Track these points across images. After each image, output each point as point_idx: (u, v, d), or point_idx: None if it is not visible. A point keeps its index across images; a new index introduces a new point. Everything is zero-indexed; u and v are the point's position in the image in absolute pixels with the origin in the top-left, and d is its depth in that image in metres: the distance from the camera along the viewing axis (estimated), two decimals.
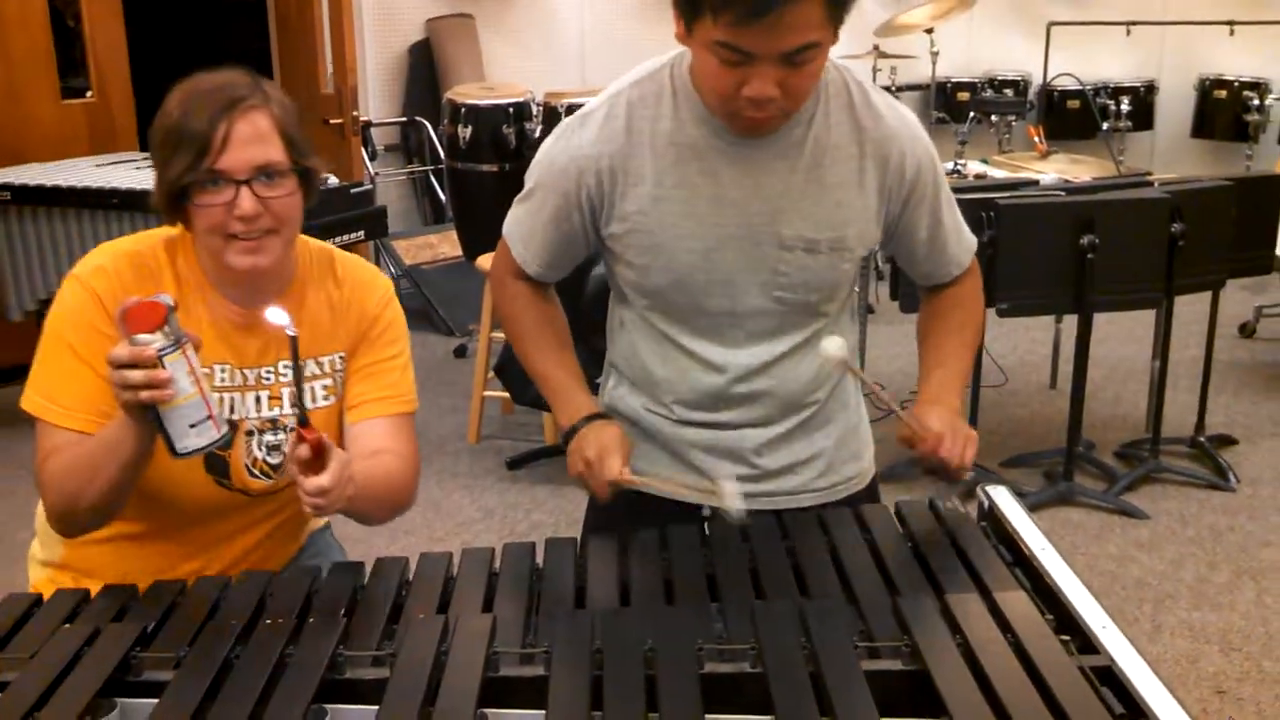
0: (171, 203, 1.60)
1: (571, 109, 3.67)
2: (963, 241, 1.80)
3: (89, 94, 5.23)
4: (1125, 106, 7.23)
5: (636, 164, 1.63)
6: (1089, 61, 7.38)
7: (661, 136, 1.62)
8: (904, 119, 1.67)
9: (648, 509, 1.73)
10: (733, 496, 1.52)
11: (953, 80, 7.51)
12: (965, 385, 1.77)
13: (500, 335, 4.28)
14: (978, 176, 4.88)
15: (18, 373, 1.90)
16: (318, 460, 1.46)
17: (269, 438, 1.73)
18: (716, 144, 1.60)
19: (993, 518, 1.69)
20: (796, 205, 1.62)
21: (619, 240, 1.68)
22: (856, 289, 1.83)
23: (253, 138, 1.58)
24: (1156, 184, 3.94)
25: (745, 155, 1.60)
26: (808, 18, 1.40)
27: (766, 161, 1.60)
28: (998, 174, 4.92)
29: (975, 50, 7.72)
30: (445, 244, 6.07)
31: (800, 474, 1.78)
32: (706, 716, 1.20)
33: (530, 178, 1.73)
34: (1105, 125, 7.09)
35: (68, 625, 1.47)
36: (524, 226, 1.76)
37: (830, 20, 1.44)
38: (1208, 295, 4.06)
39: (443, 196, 6.23)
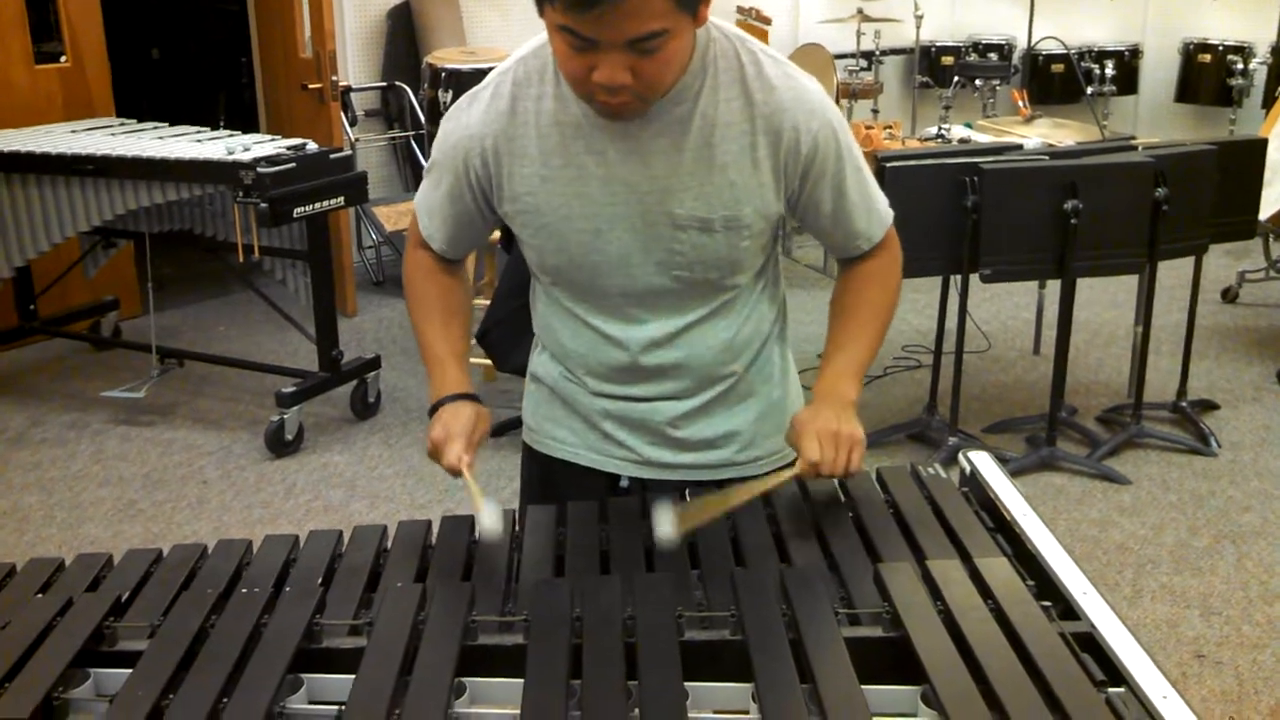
0: None
1: None
2: (874, 216, 1.70)
3: (63, 59, 5.16)
4: (1109, 70, 7.22)
5: (522, 144, 1.59)
6: (1073, 25, 7.35)
7: (546, 115, 1.58)
8: (799, 91, 1.57)
9: (572, 478, 1.78)
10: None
11: (937, 44, 7.47)
12: (869, 364, 1.71)
13: (482, 302, 4.26)
14: (962, 141, 4.86)
15: None
16: None
17: None
18: (600, 122, 1.55)
19: (974, 483, 1.69)
20: (687, 184, 1.56)
21: (513, 220, 1.65)
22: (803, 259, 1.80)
23: None
24: (1140, 148, 3.93)
25: (631, 134, 1.55)
26: (646, 6, 1.34)
27: (652, 140, 1.55)
28: (982, 138, 4.91)
29: (960, 14, 7.68)
30: None
31: (721, 448, 1.75)
32: (687, 684, 1.19)
33: (432, 153, 1.71)
34: (1089, 89, 7.07)
35: (40, 595, 1.45)
36: (427, 201, 1.74)
37: (678, 8, 1.37)
38: (1190, 260, 4.06)
39: (423, 162, 6.17)
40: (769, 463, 1.78)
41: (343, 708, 1.17)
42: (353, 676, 1.22)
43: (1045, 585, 1.39)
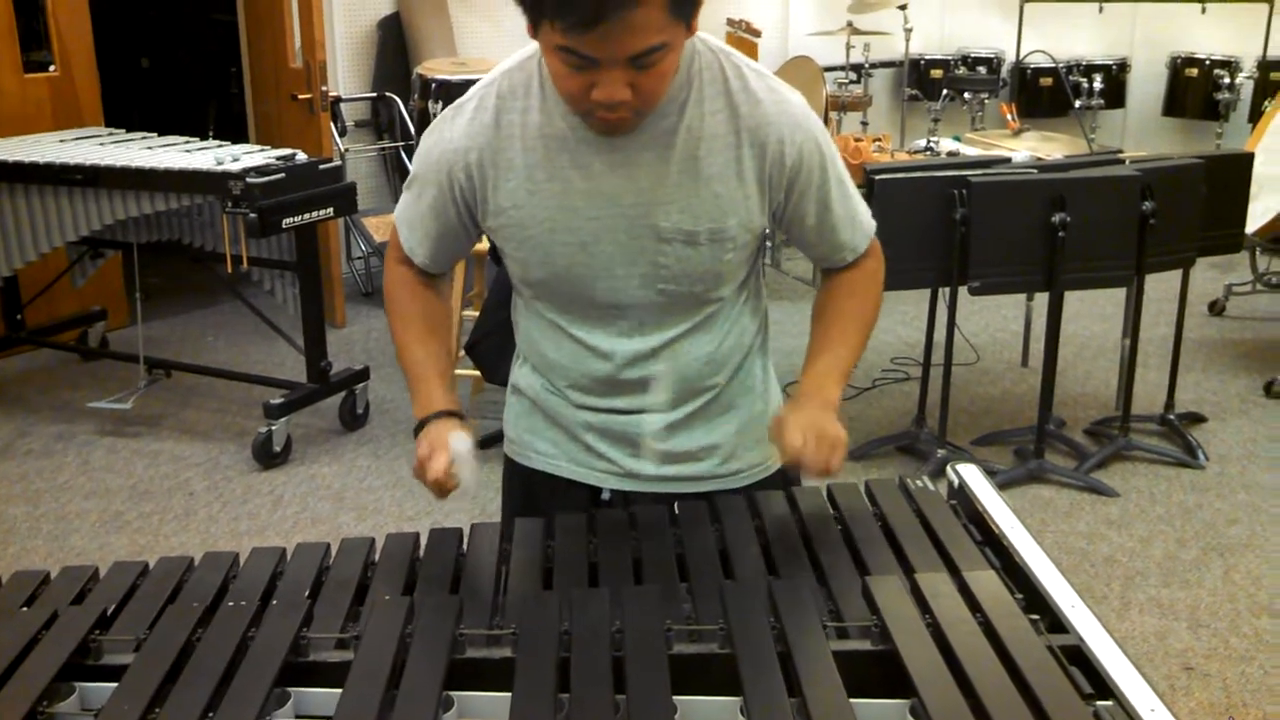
0: None
1: None
2: (857, 228, 1.72)
3: (52, 68, 5.15)
4: (1097, 84, 7.26)
5: (507, 157, 1.59)
6: (1062, 39, 7.39)
7: (531, 129, 1.58)
8: (783, 104, 1.59)
9: (553, 490, 1.77)
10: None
11: (926, 57, 7.50)
12: (851, 370, 1.72)
13: (470, 314, 4.25)
14: (950, 154, 4.88)
15: None
16: None
17: None
18: (586, 136, 1.55)
19: (963, 496, 1.69)
20: (672, 197, 1.57)
21: (497, 234, 1.65)
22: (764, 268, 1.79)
23: None
24: (1128, 162, 3.94)
25: (616, 147, 1.56)
26: (647, 21, 1.35)
27: (637, 153, 1.56)
28: (970, 151, 4.92)
29: (949, 27, 7.71)
30: None
31: (703, 460, 1.75)
32: (675, 698, 1.19)
33: (413, 166, 1.70)
34: (1077, 103, 7.10)
35: (25, 608, 1.44)
36: (409, 214, 1.73)
37: (675, 19, 1.39)
38: (1178, 273, 4.08)
39: None
40: (750, 475, 1.79)
41: None
42: (340, 690, 1.21)
43: (1033, 598, 1.39)
